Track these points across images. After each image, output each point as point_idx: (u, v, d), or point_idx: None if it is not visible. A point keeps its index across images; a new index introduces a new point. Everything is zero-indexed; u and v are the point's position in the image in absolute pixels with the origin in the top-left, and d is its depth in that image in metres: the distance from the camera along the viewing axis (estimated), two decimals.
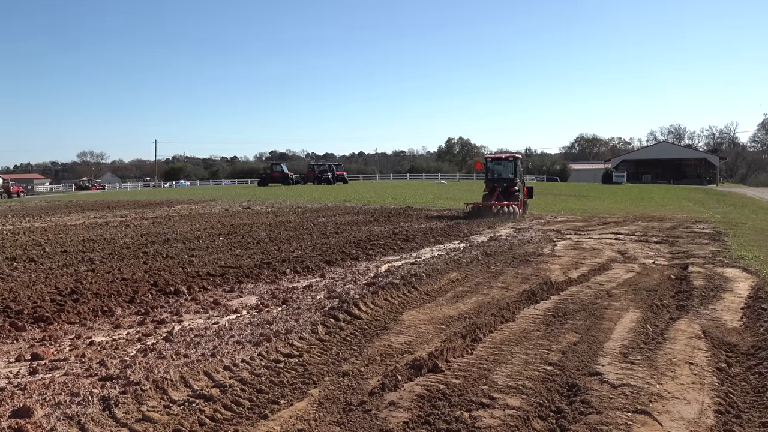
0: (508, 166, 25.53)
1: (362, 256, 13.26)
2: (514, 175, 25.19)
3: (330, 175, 72.11)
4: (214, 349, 6.45)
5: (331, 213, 26.16)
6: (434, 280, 10.21)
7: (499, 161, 25.98)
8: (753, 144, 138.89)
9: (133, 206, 33.86)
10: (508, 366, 5.84)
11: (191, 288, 9.70)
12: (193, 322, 7.69)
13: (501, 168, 25.71)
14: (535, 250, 14.08)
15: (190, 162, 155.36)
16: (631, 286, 9.80)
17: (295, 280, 10.67)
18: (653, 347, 6.46)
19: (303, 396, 5.13)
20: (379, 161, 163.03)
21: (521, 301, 8.56)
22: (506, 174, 25.39)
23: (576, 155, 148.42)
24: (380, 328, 7.30)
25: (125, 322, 7.73)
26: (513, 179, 25.07)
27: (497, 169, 25.75)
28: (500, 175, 25.49)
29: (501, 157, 26.18)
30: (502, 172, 25.56)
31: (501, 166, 25.75)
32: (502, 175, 25.44)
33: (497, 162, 26.03)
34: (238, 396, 5.12)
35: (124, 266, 11.83)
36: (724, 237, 16.73)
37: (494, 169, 25.81)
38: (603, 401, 4.95)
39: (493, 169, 25.82)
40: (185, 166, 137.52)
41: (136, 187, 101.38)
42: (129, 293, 9.24)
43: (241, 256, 13.20)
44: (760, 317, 7.65)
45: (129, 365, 5.89)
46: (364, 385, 5.38)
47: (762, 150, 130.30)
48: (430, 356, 5.98)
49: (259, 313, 8.15)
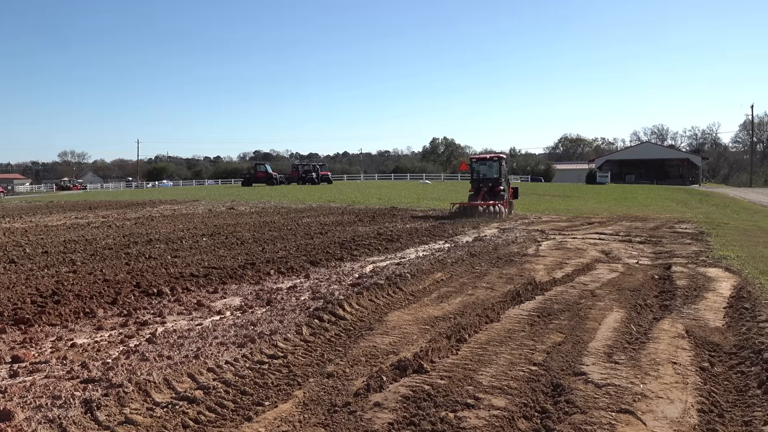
0: (492, 167, 25.88)
1: (347, 256, 13.25)
2: (498, 175, 25.53)
3: (314, 175, 72.10)
4: (197, 350, 6.42)
5: (315, 213, 26.12)
6: (419, 281, 10.22)
7: (484, 161, 26.31)
8: (735, 144, 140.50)
9: (115, 207, 33.66)
10: (493, 366, 5.85)
11: (174, 289, 9.64)
12: (176, 324, 7.65)
13: (486, 168, 26.02)
14: (519, 250, 14.13)
15: (173, 162, 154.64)
16: (615, 286, 9.86)
17: (279, 280, 10.64)
18: (637, 347, 6.50)
19: (287, 397, 5.12)
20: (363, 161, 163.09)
21: (506, 302, 8.58)
22: (491, 174, 25.72)
23: (560, 155, 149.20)
24: (365, 329, 7.30)
25: (107, 323, 7.67)
26: (498, 179, 25.40)
27: (482, 170, 26.05)
28: (485, 175, 25.81)
29: (486, 158, 26.51)
30: (486, 173, 25.87)
31: (486, 167, 26.07)
32: (486, 176, 25.75)
33: (482, 162, 26.35)
34: (222, 398, 5.09)
35: (106, 267, 11.75)
36: (707, 237, 16.87)
37: (479, 170, 26.10)
38: (587, 401, 4.97)
39: (478, 170, 26.10)
40: (168, 166, 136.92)
41: (118, 187, 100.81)
42: (111, 294, 9.17)
43: (224, 256, 13.15)
44: (742, 316, 7.72)
45: (111, 367, 5.84)
46: (349, 386, 5.37)
47: (744, 150, 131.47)
48: (415, 357, 5.98)
49: (243, 314, 8.12)
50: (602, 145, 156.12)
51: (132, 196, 51.88)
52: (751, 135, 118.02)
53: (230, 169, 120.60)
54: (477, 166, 26.28)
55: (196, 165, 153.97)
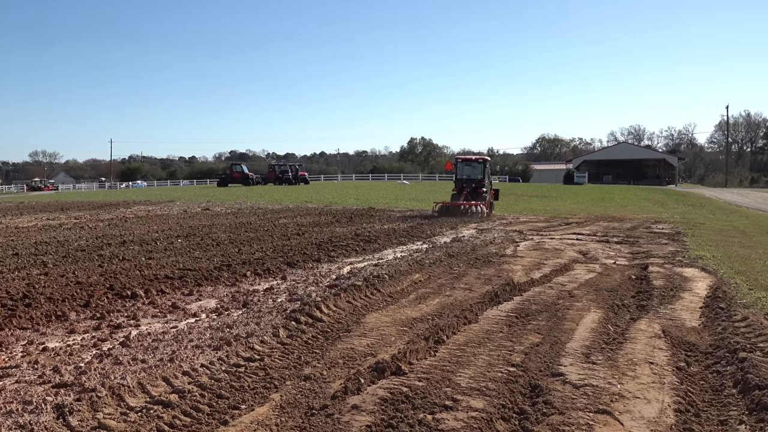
0: (477, 168, 26.62)
1: (324, 257, 13.22)
2: (482, 177, 26.28)
3: (291, 176, 71.85)
4: (172, 353, 6.37)
5: (292, 214, 26.04)
6: (397, 282, 10.22)
7: (470, 162, 27.04)
8: (710, 145, 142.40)
9: (88, 207, 33.30)
10: (471, 368, 5.87)
11: (149, 291, 9.56)
12: (150, 327, 7.59)
13: (470, 169, 26.74)
14: (497, 251, 14.19)
15: (147, 162, 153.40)
16: (593, 286, 9.93)
17: (255, 282, 10.60)
18: (614, 347, 6.56)
19: (264, 401, 5.10)
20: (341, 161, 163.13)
21: (484, 303, 8.61)
22: (475, 175, 26.45)
23: (538, 156, 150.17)
24: (342, 331, 7.29)
25: (80, 327, 7.59)
26: (481, 180, 26.16)
27: (467, 170, 26.79)
28: (469, 175, 26.54)
29: (471, 159, 27.25)
30: (471, 173, 26.60)
31: (470, 167, 26.80)
32: (470, 176, 26.49)
33: (467, 163, 27.07)
34: (197, 402, 5.06)
35: (79, 269, 11.62)
36: (683, 237, 17.08)
37: (464, 170, 26.82)
38: (565, 402, 5.00)
39: (463, 170, 26.82)
40: (142, 166, 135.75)
41: (90, 187, 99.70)
42: (84, 297, 9.07)
43: (200, 258, 13.06)
44: (717, 316, 7.82)
45: (84, 371, 5.78)
46: (327, 388, 5.36)
47: (719, 151, 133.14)
48: (393, 359, 5.98)
49: (218, 317, 8.07)
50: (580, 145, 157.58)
51: (105, 196, 51.34)
52: (726, 135, 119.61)
53: (206, 170, 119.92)
54: (462, 166, 26.94)
55: (171, 165, 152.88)
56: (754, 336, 6.81)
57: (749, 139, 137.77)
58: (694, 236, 17.32)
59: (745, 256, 13.18)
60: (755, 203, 38.25)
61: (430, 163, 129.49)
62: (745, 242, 16.16)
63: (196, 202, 36.95)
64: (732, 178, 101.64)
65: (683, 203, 37.26)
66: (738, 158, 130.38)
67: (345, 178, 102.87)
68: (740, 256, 13.16)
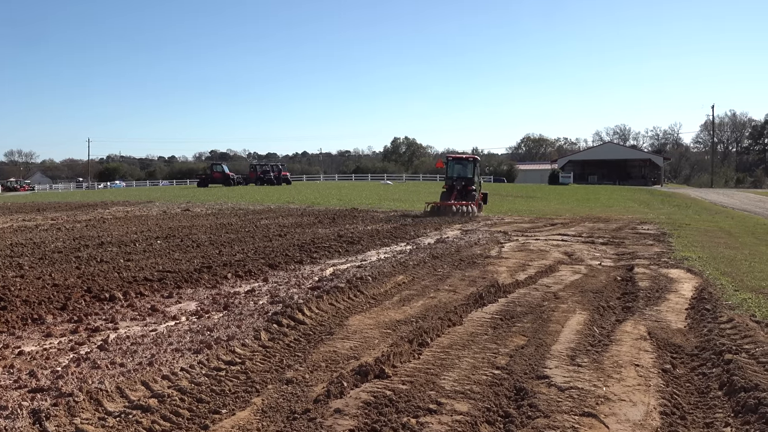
0: (468, 167, 27.70)
1: (306, 259, 13.20)
2: (472, 176, 27.33)
3: (273, 176, 71.74)
4: (151, 357, 6.34)
5: (274, 215, 25.98)
6: (380, 284, 10.23)
7: (460, 161, 28.11)
8: (696, 145, 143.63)
9: (65, 208, 33.05)
10: (456, 370, 5.88)
11: (127, 294, 9.51)
12: (129, 330, 7.55)
13: (461, 168, 27.78)
14: (482, 252, 14.23)
15: (126, 162, 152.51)
16: (578, 287, 9.99)
17: (236, 284, 10.57)
18: (600, 349, 6.60)
19: (245, 405, 5.08)
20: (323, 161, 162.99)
21: (468, 304, 8.63)
22: (465, 173, 27.46)
23: (523, 155, 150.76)
24: (325, 334, 7.28)
25: (57, 330, 7.53)
26: (471, 179, 27.18)
27: (457, 169, 27.80)
28: (459, 174, 27.50)
29: (462, 157, 28.39)
30: (461, 172, 27.58)
31: (461, 166, 27.86)
32: (461, 174, 27.44)
33: (458, 161, 28.12)
34: (177, 406, 5.04)
35: (56, 272, 11.53)
36: (669, 238, 17.21)
37: (455, 168, 27.83)
38: (550, 405, 5.03)
39: (454, 168, 27.83)
40: (120, 166, 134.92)
41: (68, 188, 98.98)
42: (61, 300, 9.00)
43: (179, 260, 13.00)
44: (703, 318, 7.88)
45: (61, 376, 5.74)
46: (309, 392, 5.36)
47: (705, 151, 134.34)
48: (376, 362, 5.99)
49: (199, 320, 8.04)
50: (565, 145, 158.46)
51: (83, 197, 50.98)
52: (711, 135, 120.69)
53: (185, 170, 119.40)
54: (453, 164, 27.89)
55: (150, 165, 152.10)
56: (740, 338, 6.86)
57: (735, 139, 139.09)
58: (679, 237, 17.46)
59: (730, 257, 13.29)
60: (741, 204, 38.58)
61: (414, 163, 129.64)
62: (731, 243, 16.30)
63: (176, 202, 36.77)
64: (718, 178, 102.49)
65: (669, 204, 37.53)
66: (723, 158, 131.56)
67: (328, 178, 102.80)
68: (726, 257, 13.28)
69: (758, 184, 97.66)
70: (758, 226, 22.05)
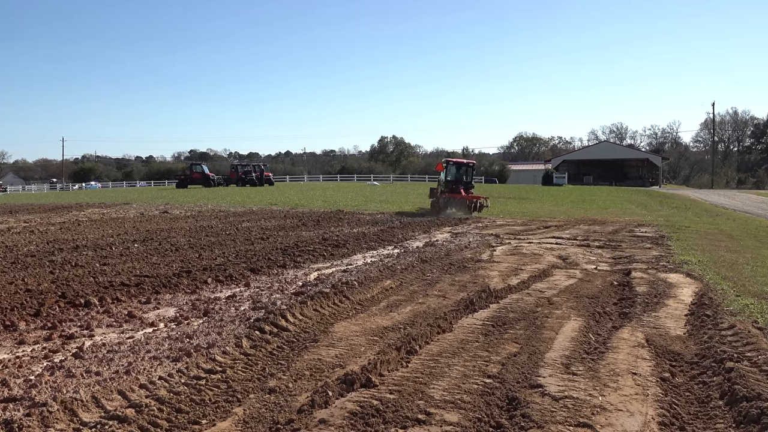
0: (468, 171, 30.77)
1: (290, 263, 13.20)
2: (470, 179, 30.67)
3: (255, 176, 71.63)
4: (128, 365, 6.32)
5: (256, 217, 25.95)
6: (367, 289, 10.23)
7: (460, 165, 31.06)
8: (696, 144, 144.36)
9: (39, 210, 32.84)
10: (446, 379, 5.90)
11: (103, 299, 9.47)
12: (105, 337, 7.52)
13: (460, 172, 30.56)
14: (473, 255, 14.26)
15: (102, 162, 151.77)
16: (573, 293, 10.03)
17: (217, 289, 10.55)
18: (596, 357, 6.63)
19: (226, 415, 5.08)
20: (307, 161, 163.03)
21: (459, 310, 8.65)
22: (463, 177, 30.40)
23: (515, 155, 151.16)
24: (309, 341, 7.28)
25: (30, 337, 7.50)
26: (470, 182, 30.55)
27: (456, 172, 30.47)
28: (457, 177, 30.21)
29: (462, 162, 31.65)
30: (460, 176, 30.37)
31: (460, 170, 30.67)
32: (458, 178, 30.20)
33: (458, 166, 31.00)
34: (155, 416, 5.02)
35: (29, 276, 11.47)
36: (668, 241, 17.30)
37: (453, 172, 30.44)
38: (544, 415, 5.05)
39: (453, 171, 30.43)
40: (96, 166, 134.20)
41: (41, 189, 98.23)
42: (34, 306, 8.96)
43: (158, 264, 12.96)
44: (703, 324, 7.92)
45: (34, 385, 5.71)
46: (293, 402, 5.35)
47: (705, 150, 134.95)
48: (362, 370, 5.99)
49: (178, 326, 8.03)
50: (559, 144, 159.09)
51: (57, 198, 50.69)
52: (712, 134, 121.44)
53: (164, 170, 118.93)
54: (452, 168, 30.58)
55: (127, 165, 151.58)
56: (742, 345, 6.91)
57: (736, 138, 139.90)
58: (678, 240, 17.56)
59: (732, 261, 13.38)
60: (743, 205, 38.83)
61: (402, 163, 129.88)
62: (732, 246, 16.41)
63: (154, 204, 36.66)
64: (718, 178, 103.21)
65: (667, 205, 37.72)
66: (725, 158, 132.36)
67: (312, 179, 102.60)
68: (727, 261, 13.36)
69: (761, 185, 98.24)
70: (761, 229, 22.21)
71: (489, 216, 27.16)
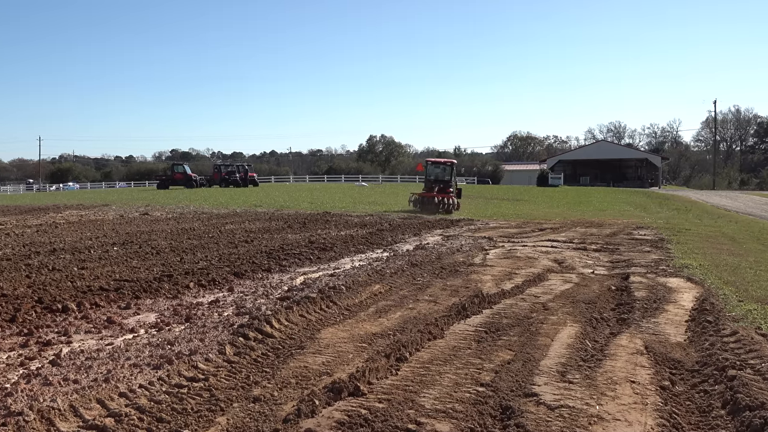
0: (446, 170, 32.96)
1: (275, 267, 13.19)
2: (450, 178, 32.38)
3: (238, 177, 71.58)
4: (107, 373, 6.30)
5: (239, 219, 25.91)
6: (355, 294, 10.23)
7: (438, 165, 34.03)
8: (697, 143, 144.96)
9: (14, 212, 32.65)
10: (437, 387, 5.91)
11: (81, 304, 9.44)
12: (83, 344, 7.49)
13: (439, 171, 33.07)
14: (465, 259, 14.28)
15: (80, 162, 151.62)
16: (569, 298, 10.06)
17: (199, 294, 10.53)
18: (593, 365, 6.64)
19: (209, 424, 5.07)
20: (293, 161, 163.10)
21: (450, 316, 8.66)
22: (443, 176, 32.60)
23: (509, 155, 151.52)
24: (295, 348, 7.28)
25: (5, 344, 7.46)
26: (449, 181, 32.12)
27: (436, 171, 33.00)
28: (437, 176, 32.62)
29: (440, 162, 34.95)
30: (439, 174, 32.72)
31: (439, 169, 33.20)
32: (438, 177, 32.53)
33: (437, 165, 33.99)
34: (135, 426, 5.01)
35: (4, 280, 11.41)
36: (667, 244, 17.37)
37: (433, 171, 33.04)
38: (539, 424, 5.06)
39: (432, 171, 33.05)
40: (74, 166, 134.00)
41: (17, 190, 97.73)
42: (9, 311, 8.91)
43: (138, 268, 12.93)
44: (705, 331, 7.95)
45: (10, 393, 5.68)
46: (278, 411, 5.35)
47: (706, 150, 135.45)
48: (350, 378, 5.99)
49: (159, 333, 8.00)
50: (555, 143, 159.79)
51: (33, 200, 50.47)
52: (714, 133, 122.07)
53: (144, 170, 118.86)
54: (432, 168, 33.39)
55: (106, 165, 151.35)
56: (745, 352, 6.94)
57: (739, 137, 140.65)
58: (679, 243, 17.63)
59: (734, 265, 13.45)
60: (745, 207, 39.06)
61: (391, 163, 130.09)
62: (735, 250, 16.50)
63: (134, 205, 36.52)
64: (720, 179, 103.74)
65: (667, 207, 37.89)
66: (727, 158, 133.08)
67: (298, 179, 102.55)
68: (729, 265, 13.43)
69: (764, 186, 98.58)
70: (764, 232, 22.35)
71: (482, 218, 27.21)
